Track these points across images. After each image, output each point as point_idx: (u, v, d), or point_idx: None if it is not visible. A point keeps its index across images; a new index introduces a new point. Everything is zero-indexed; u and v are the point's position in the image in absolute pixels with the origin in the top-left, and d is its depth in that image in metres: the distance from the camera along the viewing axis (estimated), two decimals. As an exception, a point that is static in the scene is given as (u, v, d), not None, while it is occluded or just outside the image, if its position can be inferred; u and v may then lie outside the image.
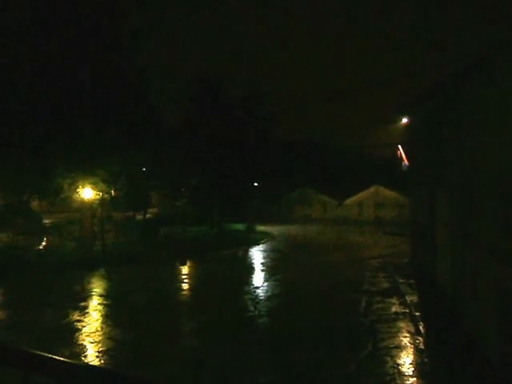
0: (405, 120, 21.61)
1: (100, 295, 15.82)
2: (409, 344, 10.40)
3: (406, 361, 9.46)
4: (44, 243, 25.01)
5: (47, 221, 33.43)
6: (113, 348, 10.47)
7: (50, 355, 1.69)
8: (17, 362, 1.76)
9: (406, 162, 23.77)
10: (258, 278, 18.78)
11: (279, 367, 9.39)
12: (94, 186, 21.01)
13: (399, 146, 24.45)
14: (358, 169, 49.10)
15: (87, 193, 21.15)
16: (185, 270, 20.87)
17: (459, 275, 11.80)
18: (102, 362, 9.67)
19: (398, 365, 9.21)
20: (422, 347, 10.21)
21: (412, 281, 17.03)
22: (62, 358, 1.68)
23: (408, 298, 14.38)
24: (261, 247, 27.88)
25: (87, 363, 9.20)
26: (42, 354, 1.70)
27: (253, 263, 22.91)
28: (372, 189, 45.51)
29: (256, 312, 13.44)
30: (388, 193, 44.48)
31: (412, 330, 11.35)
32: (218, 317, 13.07)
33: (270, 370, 9.27)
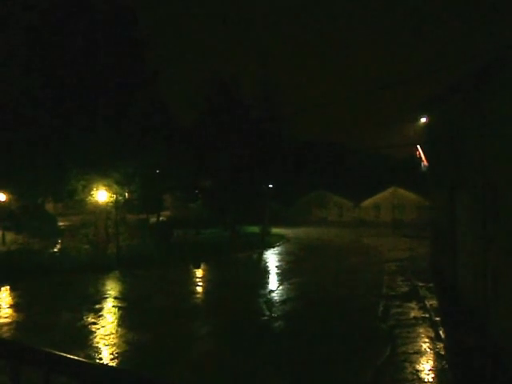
0: (424, 119, 21.17)
1: (114, 298, 15.79)
2: (428, 350, 10.05)
3: (426, 367, 9.13)
4: (59, 246, 25.21)
5: (62, 223, 33.74)
6: (127, 351, 10.38)
7: (72, 356, 1.67)
8: (38, 362, 1.74)
9: (425, 162, 23.31)
10: (273, 282, 18.55)
11: (294, 372, 9.17)
12: (108, 188, 21.08)
13: (418, 146, 23.99)
14: (376, 170, 48.53)
15: (101, 195, 21.22)
16: (199, 272, 20.76)
17: (481, 278, 11.40)
18: (117, 364, 9.58)
19: (418, 371, 8.88)
20: (443, 353, 9.85)
21: (431, 284, 16.63)
22: (83, 359, 1.65)
23: (427, 303, 14.00)
24: (276, 250, 27.64)
25: (108, 364, 9.15)
26: (63, 354, 1.68)
27: (268, 266, 22.70)
28: (390, 190, 44.90)
29: (271, 316, 13.22)
30: (406, 194, 43.82)
31: (432, 335, 10.99)
32: (233, 320, 12.90)
33: (285, 375, 9.06)
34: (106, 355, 10.07)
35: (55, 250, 24.53)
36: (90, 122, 20.79)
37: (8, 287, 17.34)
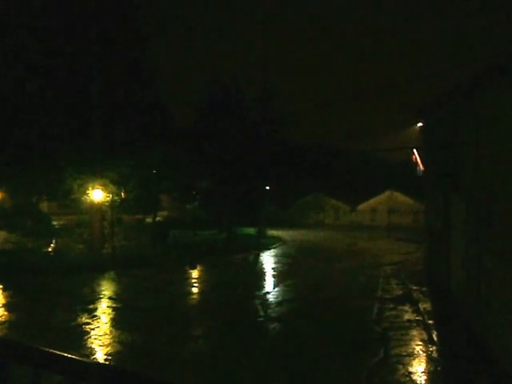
0: (420, 124, 21.25)
1: (109, 298, 15.74)
2: (421, 352, 10.09)
3: (419, 369, 9.18)
4: (53, 245, 25.10)
5: (56, 222, 33.59)
6: (121, 351, 10.36)
7: (62, 353, 1.66)
8: (28, 360, 1.74)
9: (421, 166, 23.37)
10: (269, 283, 18.57)
11: (289, 373, 9.19)
12: (104, 187, 21.01)
13: (414, 151, 24.04)
14: (372, 173, 48.64)
15: (97, 195, 21.14)
16: (195, 273, 20.74)
17: (474, 283, 11.46)
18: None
19: (410, 373, 8.93)
20: (435, 356, 9.90)
21: (425, 288, 16.70)
22: (73, 356, 1.65)
23: (421, 306, 14.07)
24: (272, 252, 27.63)
25: (100, 362, 9.15)
26: (53, 351, 1.68)
27: (263, 268, 22.70)
28: (386, 194, 45.01)
29: (266, 317, 13.24)
30: (402, 198, 43.93)
31: (425, 337, 11.04)
32: (228, 321, 12.90)
33: (280, 376, 9.08)
34: (100, 355, 10.05)
35: (49, 249, 24.40)
36: (86, 121, 20.78)
37: (1, 287, 17.26)
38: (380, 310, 13.84)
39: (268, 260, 24.79)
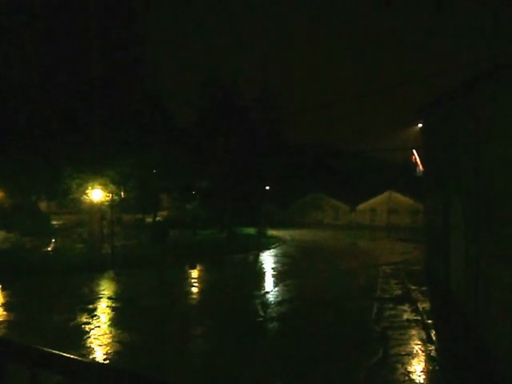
0: (420, 124, 21.27)
1: (109, 298, 15.74)
2: (420, 351, 10.11)
3: (417, 368, 9.20)
4: (52, 245, 25.06)
5: (55, 222, 33.52)
6: (121, 351, 10.37)
7: (61, 353, 1.65)
8: (25, 360, 1.73)
9: (420, 167, 23.37)
10: (269, 283, 18.57)
11: (289, 373, 9.20)
12: (104, 187, 20.97)
13: (414, 151, 24.05)
14: (372, 174, 48.63)
15: (96, 194, 21.09)
16: (194, 273, 20.75)
17: (473, 283, 11.47)
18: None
19: (409, 372, 8.95)
20: (434, 355, 9.92)
21: (425, 288, 16.72)
22: (73, 356, 1.63)
23: (420, 305, 14.09)
24: (272, 252, 27.64)
25: (99, 362, 9.15)
26: (52, 351, 1.67)
27: (263, 268, 22.70)
28: (385, 194, 44.95)
29: (266, 317, 13.25)
30: (402, 198, 43.89)
31: (424, 337, 11.06)
32: (228, 321, 12.92)
33: (280, 376, 9.09)
34: (100, 355, 10.06)
35: (49, 249, 24.36)
36: (85, 119, 20.76)
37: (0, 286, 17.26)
38: (379, 309, 13.85)
39: (268, 260, 24.80)
